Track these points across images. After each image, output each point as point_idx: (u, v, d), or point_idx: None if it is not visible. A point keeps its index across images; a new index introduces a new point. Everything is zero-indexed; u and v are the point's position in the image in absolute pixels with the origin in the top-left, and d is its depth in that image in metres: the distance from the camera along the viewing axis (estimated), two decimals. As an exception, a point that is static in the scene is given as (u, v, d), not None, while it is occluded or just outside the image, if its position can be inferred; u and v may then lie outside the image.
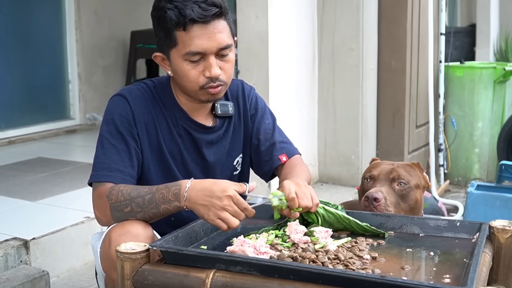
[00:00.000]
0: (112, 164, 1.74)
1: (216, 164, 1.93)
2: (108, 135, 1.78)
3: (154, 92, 1.86)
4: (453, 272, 1.41)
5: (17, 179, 3.65)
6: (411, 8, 4.23)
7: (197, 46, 1.70)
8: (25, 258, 2.59)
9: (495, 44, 7.51)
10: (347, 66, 4.22)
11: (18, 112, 4.99)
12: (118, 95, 1.84)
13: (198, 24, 1.69)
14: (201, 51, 1.71)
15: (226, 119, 1.95)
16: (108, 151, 1.76)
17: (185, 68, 1.74)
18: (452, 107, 4.62)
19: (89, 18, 5.39)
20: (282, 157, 1.96)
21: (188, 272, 1.41)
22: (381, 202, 1.86)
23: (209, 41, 1.70)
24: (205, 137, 1.89)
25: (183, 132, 1.87)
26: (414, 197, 1.97)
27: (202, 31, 1.70)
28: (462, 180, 4.62)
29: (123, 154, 1.76)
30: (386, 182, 1.96)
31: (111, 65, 5.66)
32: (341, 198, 3.86)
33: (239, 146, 1.98)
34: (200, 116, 1.89)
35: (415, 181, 1.98)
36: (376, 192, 1.89)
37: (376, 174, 2.00)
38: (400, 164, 2.03)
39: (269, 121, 2.03)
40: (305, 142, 4.18)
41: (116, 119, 1.79)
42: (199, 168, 1.90)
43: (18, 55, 4.97)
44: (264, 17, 3.67)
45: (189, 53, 1.71)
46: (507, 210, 3.20)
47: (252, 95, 2.03)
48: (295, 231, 1.59)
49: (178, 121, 1.86)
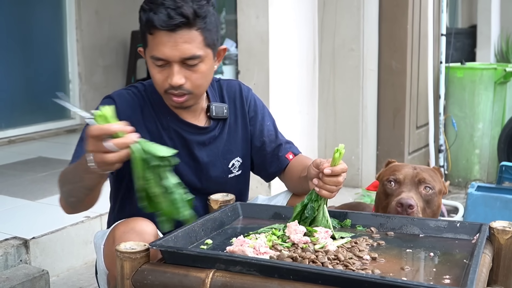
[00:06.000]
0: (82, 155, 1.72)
1: (210, 165, 1.91)
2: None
3: (144, 95, 1.86)
4: (453, 273, 1.40)
5: (17, 178, 3.66)
6: (411, 9, 4.23)
7: (159, 52, 1.70)
8: (25, 257, 2.59)
9: (495, 45, 7.51)
10: (348, 67, 4.22)
11: (19, 111, 5.00)
12: (107, 97, 1.84)
13: (163, 31, 1.68)
14: (164, 58, 1.70)
15: (220, 121, 1.94)
16: (82, 145, 1.72)
17: (153, 70, 1.76)
18: (453, 108, 4.62)
19: (89, 18, 5.39)
20: (289, 155, 2.00)
21: (187, 272, 1.41)
22: (414, 209, 1.82)
23: (171, 50, 1.69)
24: (197, 138, 1.88)
25: (174, 135, 1.86)
26: (438, 203, 1.93)
27: (167, 39, 1.68)
28: (462, 181, 4.62)
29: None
30: (413, 187, 1.91)
31: (111, 65, 5.66)
32: (341, 199, 3.87)
33: (235, 149, 1.97)
34: (191, 118, 1.88)
35: (438, 186, 1.95)
36: (409, 198, 1.84)
37: (401, 178, 1.94)
38: (424, 168, 1.98)
39: (270, 122, 2.04)
40: (306, 142, 4.18)
41: None
42: (190, 170, 1.88)
43: (18, 55, 4.97)
44: (264, 17, 3.67)
45: (153, 57, 1.72)
46: (507, 211, 3.20)
47: (250, 97, 2.02)
48: (294, 232, 1.58)
49: (169, 124, 1.85)
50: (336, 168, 1.64)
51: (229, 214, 1.79)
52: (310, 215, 1.67)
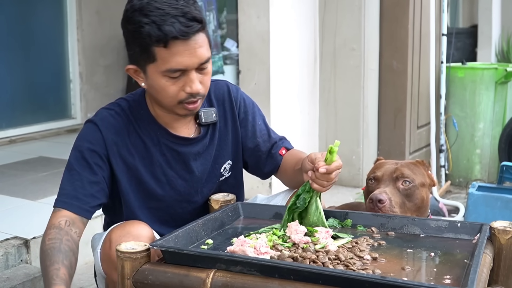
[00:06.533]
0: (72, 192, 1.69)
1: (203, 174, 1.88)
2: (74, 162, 1.73)
3: (129, 114, 1.79)
4: (453, 273, 1.40)
5: (18, 178, 3.66)
6: (412, 8, 4.23)
7: (178, 63, 1.63)
8: (25, 257, 2.59)
9: (496, 45, 7.51)
10: (349, 67, 4.22)
11: (19, 111, 5.00)
12: (91, 122, 1.78)
13: (180, 41, 1.61)
14: (182, 68, 1.64)
15: (210, 126, 1.89)
16: (71, 178, 1.71)
17: (163, 84, 1.67)
18: (454, 108, 4.62)
19: (90, 18, 5.39)
20: (282, 151, 1.99)
21: (188, 272, 1.41)
22: (385, 204, 1.84)
23: (190, 57, 1.63)
24: (191, 149, 1.84)
25: (165, 150, 1.81)
26: (420, 196, 1.94)
27: (184, 48, 1.62)
28: (463, 181, 4.62)
29: (85, 181, 1.70)
30: (390, 182, 1.94)
31: (112, 65, 5.66)
32: (342, 199, 3.87)
33: (226, 153, 1.93)
34: (181, 128, 1.84)
35: (419, 179, 1.96)
36: (380, 193, 1.87)
37: (380, 175, 1.97)
38: (404, 163, 2.00)
39: (261, 121, 2.01)
40: (306, 142, 4.17)
41: (85, 147, 1.73)
42: (185, 183, 1.86)
43: (19, 55, 4.97)
44: (265, 17, 3.67)
45: (170, 70, 1.64)
46: (508, 211, 3.20)
47: (239, 97, 1.96)
48: (295, 232, 1.58)
49: (160, 139, 1.80)
50: (331, 167, 1.63)
51: (229, 214, 1.79)
52: (301, 205, 1.68)
